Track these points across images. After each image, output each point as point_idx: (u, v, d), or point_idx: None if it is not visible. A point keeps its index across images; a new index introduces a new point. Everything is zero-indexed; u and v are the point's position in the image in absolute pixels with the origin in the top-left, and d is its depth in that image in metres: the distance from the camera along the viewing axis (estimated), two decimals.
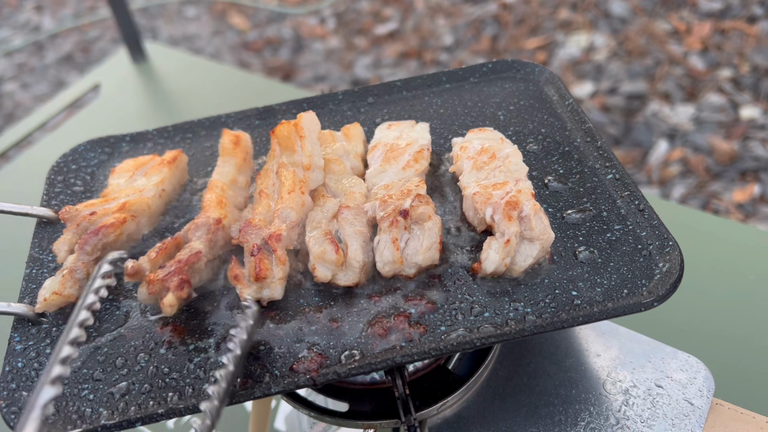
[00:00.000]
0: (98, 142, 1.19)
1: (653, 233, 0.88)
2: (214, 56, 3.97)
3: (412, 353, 0.78)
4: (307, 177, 0.97)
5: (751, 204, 2.62)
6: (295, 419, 1.36)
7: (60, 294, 0.86)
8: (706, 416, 0.97)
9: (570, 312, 0.81)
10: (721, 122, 2.93)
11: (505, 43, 3.64)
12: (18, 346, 0.86)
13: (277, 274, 0.84)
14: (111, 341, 0.85)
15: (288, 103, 1.22)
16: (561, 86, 1.15)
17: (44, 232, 1.02)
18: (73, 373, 0.82)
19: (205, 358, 0.82)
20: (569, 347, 1.06)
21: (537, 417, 0.97)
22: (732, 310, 1.39)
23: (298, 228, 0.91)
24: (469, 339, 0.79)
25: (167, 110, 2.26)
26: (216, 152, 1.15)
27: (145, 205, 0.98)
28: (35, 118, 2.26)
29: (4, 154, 2.17)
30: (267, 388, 0.77)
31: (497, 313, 0.82)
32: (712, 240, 1.54)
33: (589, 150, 1.03)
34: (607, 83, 3.24)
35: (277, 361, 0.80)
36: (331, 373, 0.77)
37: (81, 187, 1.11)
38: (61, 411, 0.78)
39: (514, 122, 1.12)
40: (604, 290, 0.83)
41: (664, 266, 0.84)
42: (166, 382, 0.80)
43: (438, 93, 1.21)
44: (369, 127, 1.16)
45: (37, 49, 4.32)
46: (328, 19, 4.13)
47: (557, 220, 0.93)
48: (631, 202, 0.93)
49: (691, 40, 3.37)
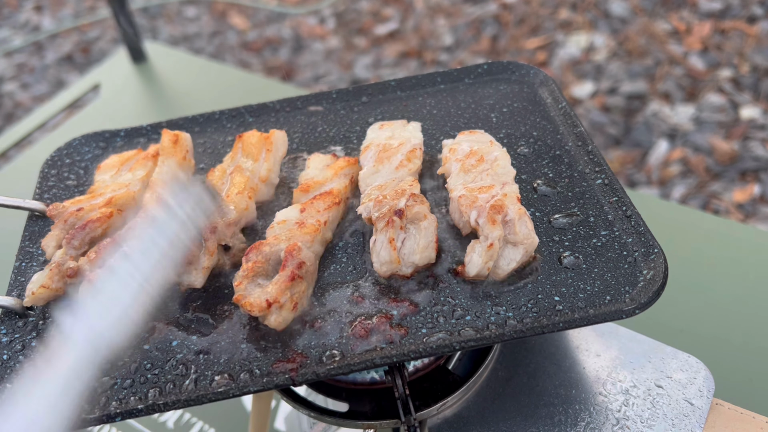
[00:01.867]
0: (93, 136, 1.19)
1: (639, 240, 0.88)
2: (214, 56, 3.97)
3: (391, 355, 0.78)
4: (259, 187, 1.00)
5: (751, 204, 2.62)
6: (295, 419, 1.36)
7: (47, 288, 0.87)
8: (706, 416, 0.97)
9: (551, 318, 0.80)
10: (721, 122, 2.93)
11: (505, 43, 3.64)
12: (4, 338, 0.87)
13: (202, 262, 0.87)
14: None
15: (282, 101, 1.21)
16: (555, 89, 1.15)
17: (35, 226, 1.03)
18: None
19: (186, 354, 0.82)
20: (569, 347, 1.06)
21: (537, 417, 0.97)
22: (732, 310, 1.38)
23: (234, 227, 0.93)
24: (449, 342, 0.79)
25: (167, 110, 2.26)
26: (208, 149, 1.16)
27: (131, 199, 1.00)
28: (35, 118, 2.26)
29: (4, 154, 2.17)
30: (245, 387, 0.77)
31: (478, 317, 0.82)
32: (712, 240, 1.54)
33: (580, 154, 1.02)
34: (607, 83, 3.24)
35: (258, 360, 0.80)
36: (310, 374, 0.78)
37: (74, 181, 1.12)
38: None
39: (506, 124, 1.11)
40: (586, 296, 0.82)
41: (648, 273, 0.83)
42: (148, 378, 0.80)
43: (432, 93, 1.21)
44: (362, 126, 1.16)
45: (37, 49, 4.32)
46: (328, 19, 4.13)
47: (544, 224, 0.92)
48: (618, 207, 0.92)
49: (691, 40, 3.37)
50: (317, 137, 1.15)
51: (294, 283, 0.84)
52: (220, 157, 1.13)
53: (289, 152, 1.12)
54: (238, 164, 1.02)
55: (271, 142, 1.05)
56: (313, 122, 1.18)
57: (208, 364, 0.81)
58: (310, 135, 1.15)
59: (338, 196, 0.96)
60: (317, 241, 0.91)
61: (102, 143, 1.19)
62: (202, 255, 0.88)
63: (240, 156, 1.04)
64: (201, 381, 0.79)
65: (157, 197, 0.94)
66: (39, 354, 0.85)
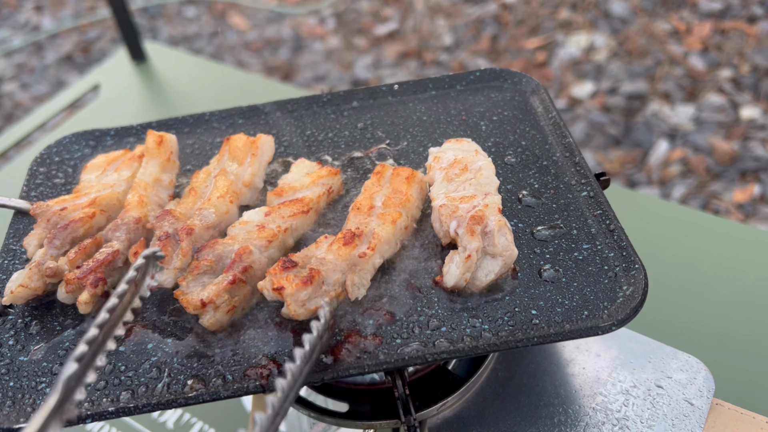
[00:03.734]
0: (83, 135, 1.19)
1: (621, 254, 0.87)
2: (214, 56, 3.97)
3: (364, 365, 0.77)
4: (242, 191, 1.00)
5: (751, 204, 2.62)
6: (295, 419, 1.36)
7: (26, 287, 0.87)
8: (706, 416, 0.97)
9: (526, 332, 0.79)
10: (721, 122, 2.93)
11: (505, 43, 3.64)
12: None
13: (174, 263, 0.87)
14: (74, 336, 0.86)
15: (273, 103, 1.21)
16: (546, 98, 1.14)
17: (20, 224, 1.03)
18: (32, 365, 0.83)
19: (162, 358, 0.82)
20: (569, 348, 1.06)
21: (537, 417, 0.97)
22: (732, 310, 1.38)
23: (213, 231, 0.93)
24: (422, 354, 0.78)
25: (167, 110, 2.26)
26: (196, 150, 1.15)
27: (114, 199, 1.00)
28: (35, 118, 2.26)
29: (4, 154, 2.17)
30: (216, 393, 0.77)
31: (454, 329, 0.81)
32: (712, 240, 1.54)
33: (567, 165, 1.01)
34: (607, 83, 3.24)
35: (231, 366, 0.80)
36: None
37: (62, 179, 1.11)
38: (17, 403, 0.79)
39: (495, 133, 1.10)
40: (564, 311, 0.81)
41: (627, 289, 0.82)
42: (121, 380, 0.80)
43: (423, 100, 1.20)
44: (350, 131, 1.15)
45: (37, 49, 4.32)
46: (328, 19, 4.13)
47: (526, 236, 0.92)
48: (602, 221, 0.91)
49: (691, 40, 3.37)
50: (305, 141, 1.14)
51: (235, 287, 0.83)
52: (208, 158, 1.13)
53: (278, 156, 1.11)
54: (223, 167, 1.02)
55: (257, 147, 1.05)
56: (303, 126, 1.17)
57: (181, 368, 0.80)
58: (299, 138, 1.15)
59: (308, 205, 0.94)
60: (274, 247, 0.89)
61: (92, 142, 1.19)
62: (174, 255, 0.88)
63: (226, 159, 1.04)
64: (173, 385, 0.79)
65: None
66: (15, 352, 0.85)
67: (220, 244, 0.88)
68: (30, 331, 0.87)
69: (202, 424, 1.39)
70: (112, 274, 0.89)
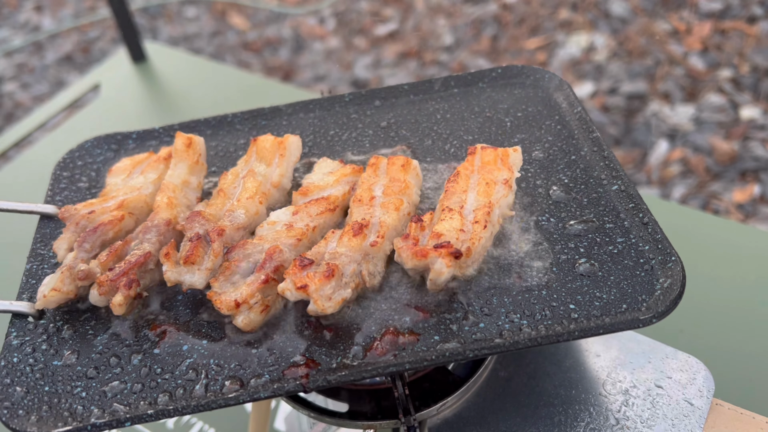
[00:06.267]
0: (105, 138, 1.19)
1: (656, 247, 0.87)
2: (214, 56, 3.97)
3: (404, 362, 0.78)
4: (271, 192, 1.00)
5: (751, 204, 2.62)
6: (295, 419, 1.36)
7: (59, 291, 0.87)
8: (706, 416, 0.97)
9: (566, 326, 0.80)
10: (721, 122, 2.93)
11: (505, 44, 3.64)
12: (15, 341, 0.87)
13: (206, 263, 0.87)
14: (106, 340, 0.86)
15: (294, 104, 1.22)
16: (570, 93, 1.14)
17: (47, 228, 1.03)
18: (67, 369, 0.83)
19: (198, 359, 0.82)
20: (569, 348, 1.06)
21: (537, 417, 0.97)
22: (732, 311, 1.39)
23: (243, 232, 0.94)
24: (461, 350, 0.78)
25: (167, 110, 2.26)
26: (221, 152, 1.16)
27: (142, 202, 1.00)
28: (35, 118, 2.26)
29: (4, 154, 2.17)
30: (255, 393, 0.77)
31: (492, 324, 0.81)
32: (712, 240, 1.54)
33: (596, 160, 1.02)
34: (607, 83, 3.24)
35: (269, 366, 0.80)
36: (321, 380, 0.77)
37: (86, 183, 1.12)
38: (53, 408, 0.79)
39: (521, 129, 1.11)
40: (602, 304, 0.82)
41: (665, 282, 0.83)
42: (158, 383, 0.80)
43: (445, 97, 1.20)
44: (374, 130, 1.16)
45: (37, 49, 4.31)
46: (328, 19, 4.13)
47: (559, 231, 0.92)
48: (635, 214, 0.92)
49: (691, 40, 3.37)
50: (329, 141, 1.15)
51: (268, 286, 0.83)
52: (232, 160, 1.13)
53: (303, 156, 1.12)
54: (251, 168, 1.02)
55: (285, 147, 1.05)
56: (326, 126, 1.18)
57: (218, 369, 0.80)
58: (322, 139, 1.15)
59: (334, 203, 0.96)
60: (303, 246, 0.90)
61: (114, 145, 1.19)
62: (206, 256, 0.88)
63: (254, 160, 1.04)
64: (211, 386, 0.79)
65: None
66: (49, 356, 0.85)
67: (250, 244, 0.89)
68: (62, 336, 0.87)
69: (202, 424, 1.39)
70: (143, 276, 0.89)
